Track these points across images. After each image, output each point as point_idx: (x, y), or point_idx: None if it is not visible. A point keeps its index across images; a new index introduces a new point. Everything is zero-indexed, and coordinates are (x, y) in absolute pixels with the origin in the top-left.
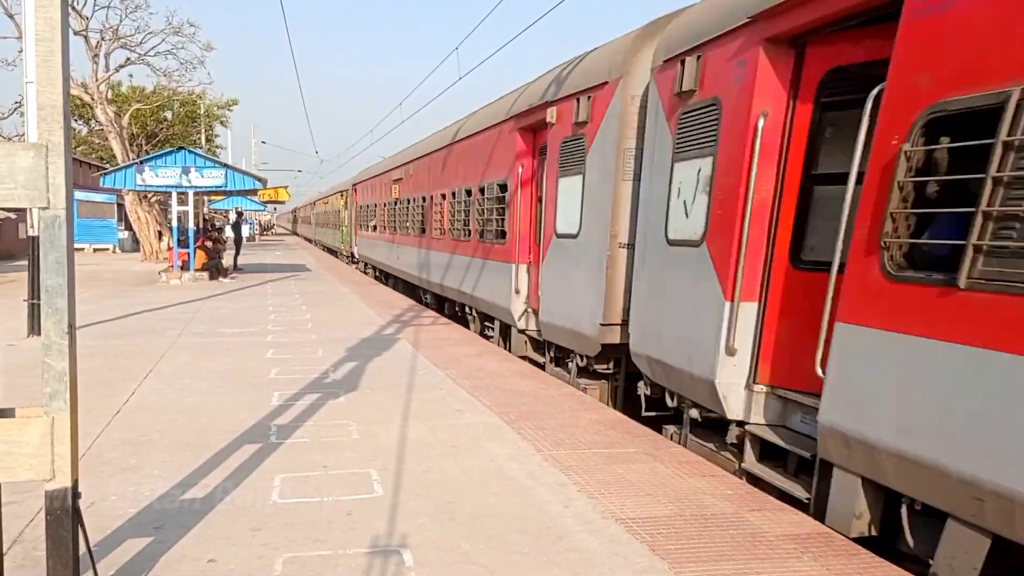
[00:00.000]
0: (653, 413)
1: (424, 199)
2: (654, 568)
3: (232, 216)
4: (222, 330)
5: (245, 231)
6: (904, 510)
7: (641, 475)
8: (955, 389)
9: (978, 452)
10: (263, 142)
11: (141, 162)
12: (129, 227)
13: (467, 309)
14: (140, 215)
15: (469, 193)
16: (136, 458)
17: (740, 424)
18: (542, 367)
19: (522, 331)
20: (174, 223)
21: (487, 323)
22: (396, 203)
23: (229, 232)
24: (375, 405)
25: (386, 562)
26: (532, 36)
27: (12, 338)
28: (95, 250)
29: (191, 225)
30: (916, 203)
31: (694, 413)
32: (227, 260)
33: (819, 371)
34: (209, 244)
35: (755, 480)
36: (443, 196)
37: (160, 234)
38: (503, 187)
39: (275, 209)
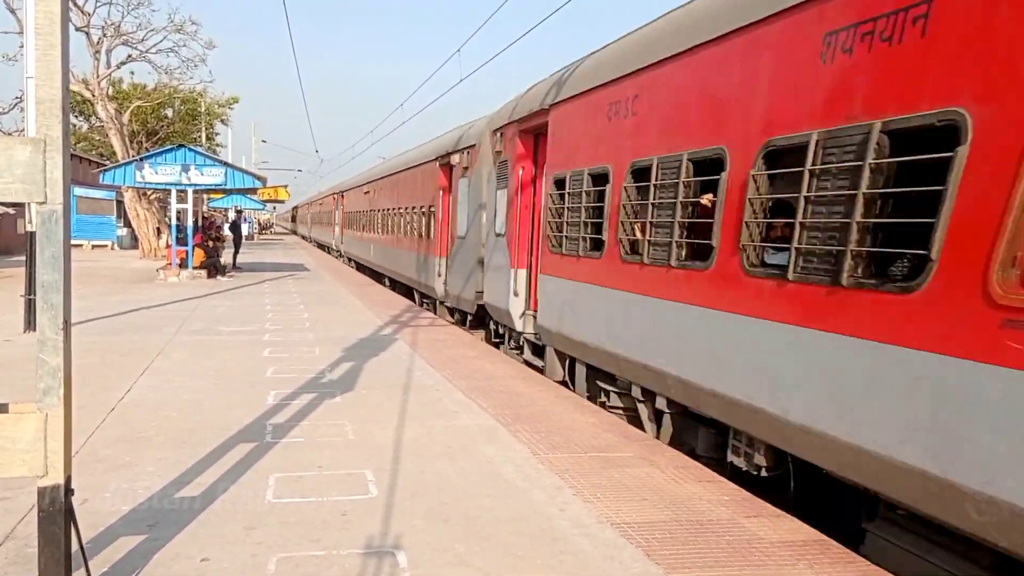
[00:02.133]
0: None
1: (384, 210)
2: (649, 573)
3: (231, 215)
4: (219, 328)
5: (244, 230)
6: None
7: (637, 479)
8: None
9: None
10: (263, 141)
11: (141, 159)
12: (128, 224)
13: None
14: (139, 212)
15: (409, 209)
16: (130, 455)
17: (520, 334)
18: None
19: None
20: (173, 221)
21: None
22: (369, 211)
23: (227, 231)
24: (371, 405)
25: (380, 563)
26: (535, 37)
27: (9, 333)
28: (94, 246)
29: (190, 223)
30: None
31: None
32: (225, 258)
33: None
34: (210, 244)
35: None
36: (396, 210)
37: (159, 231)
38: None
39: (274, 208)
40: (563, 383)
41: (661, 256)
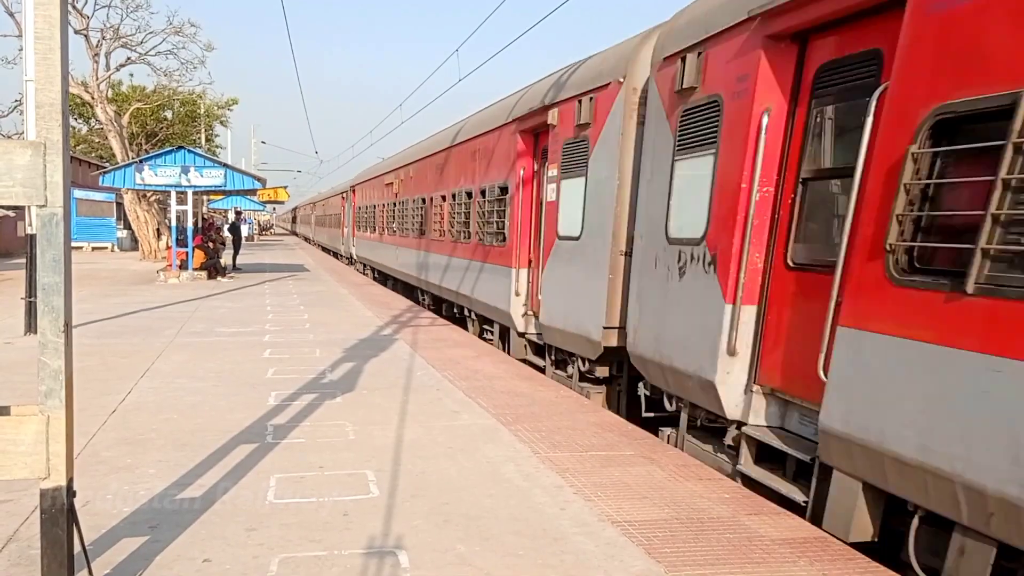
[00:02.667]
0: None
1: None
2: (650, 571)
3: (231, 216)
4: (219, 329)
5: (244, 231)
6: None
7: (638, 478)
8: None
9: None
10: (263, 142)
11: (141, 161)
12: (128, 226)
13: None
14: (139, 214)
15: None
16: (132, 457)
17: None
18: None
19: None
20: (173, 222)
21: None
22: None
23: (227, 232)
24: (372, 406)
25: (382, 563)
26: (532, 39)
27: (9, 336)
28: (93, 248)
29: (190, 224)
30: None
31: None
32: (226, 259)
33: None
34: (210, 245)
35: None
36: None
37: (159, 233)
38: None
39: (274, 209)
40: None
41: None
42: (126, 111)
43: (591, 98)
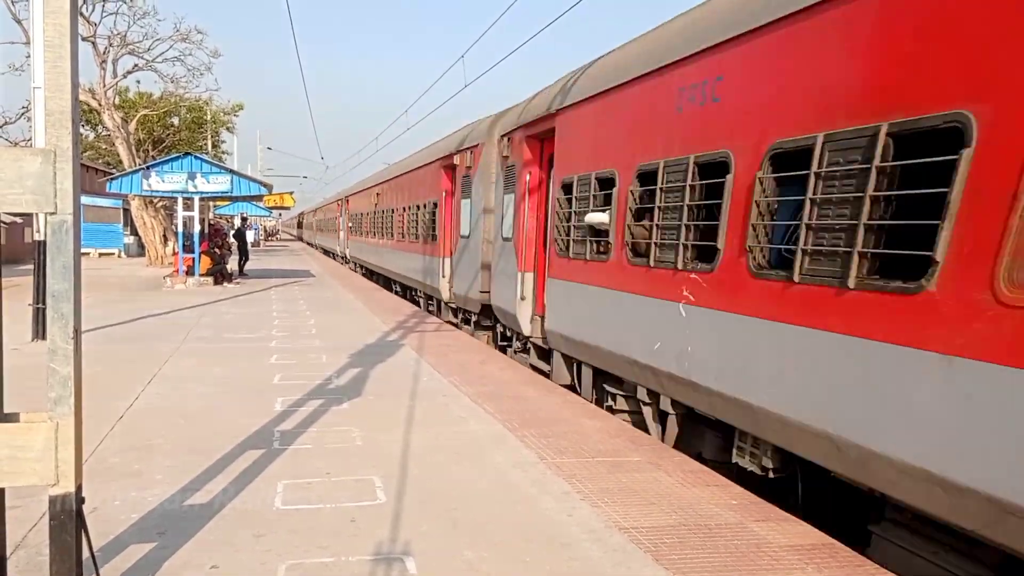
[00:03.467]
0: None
1: (388, 213)
2: None
3: (236, 222)
4: (226, 335)
5: (250, 237)
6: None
7: (645, 484)
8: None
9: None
10: (269, 148)
11: (148, 167)
12: (135, 232)
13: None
14: (146, 220)
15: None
16: (139, 463)
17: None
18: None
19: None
20: (179, 228)
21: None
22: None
23: (232, 238)
24: (379, 411)
25: (389, 569)
26: (539, 43)
27: (16, 342)
28: (101, 255)
29: (196, 230)
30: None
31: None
32: (232, 265)
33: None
34: (217, 251)
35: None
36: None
37: (165, 239)
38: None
39: (280, 215)
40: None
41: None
42: (133, 117)
43: (470, 152)
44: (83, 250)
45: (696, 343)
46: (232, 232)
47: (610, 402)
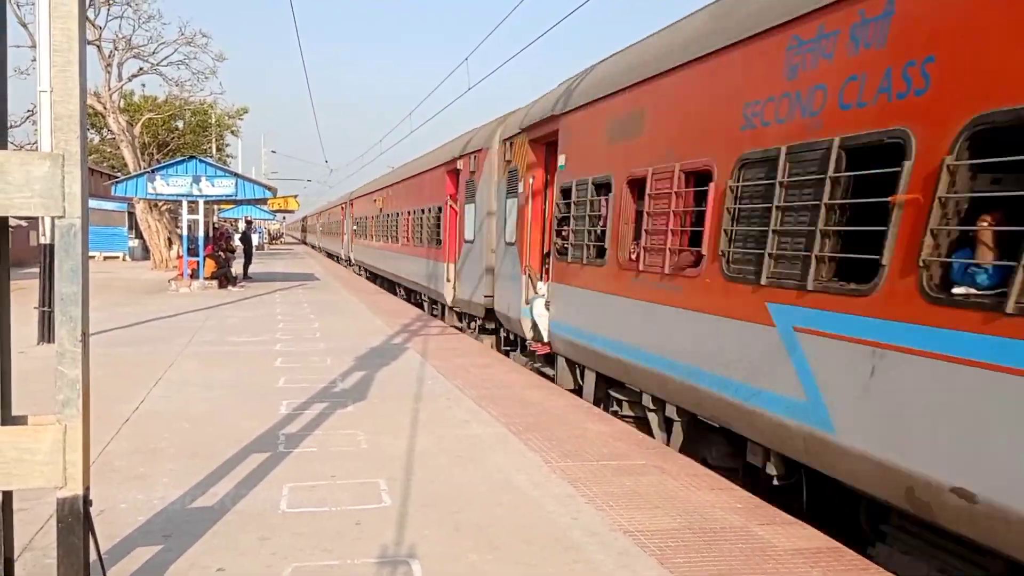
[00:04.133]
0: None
1: (392, 217)
2: None
3: (241, 225)
4: (231, 339)
5: (255, 240)
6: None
7: (649, 487)
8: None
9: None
10: (273, 151)
11: (153, 171)
12: (139, 235)
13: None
14: (150, 223)
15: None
16: (145, 466)
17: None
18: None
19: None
20: (184, 232)
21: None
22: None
23: (237, 242)
24: (383, 415)
25: (394, 572)
26: (542, 45)
27: (22, 346)
28: (106, 258)
29: (200, 233)
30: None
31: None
32: (236, 268)
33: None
34: (221, 255)
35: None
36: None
37: (170, 242)
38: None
39: (284, 218)
40: (575, 391)
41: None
42: (138, 121)
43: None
44: (89, 254)
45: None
46: (239, 236)
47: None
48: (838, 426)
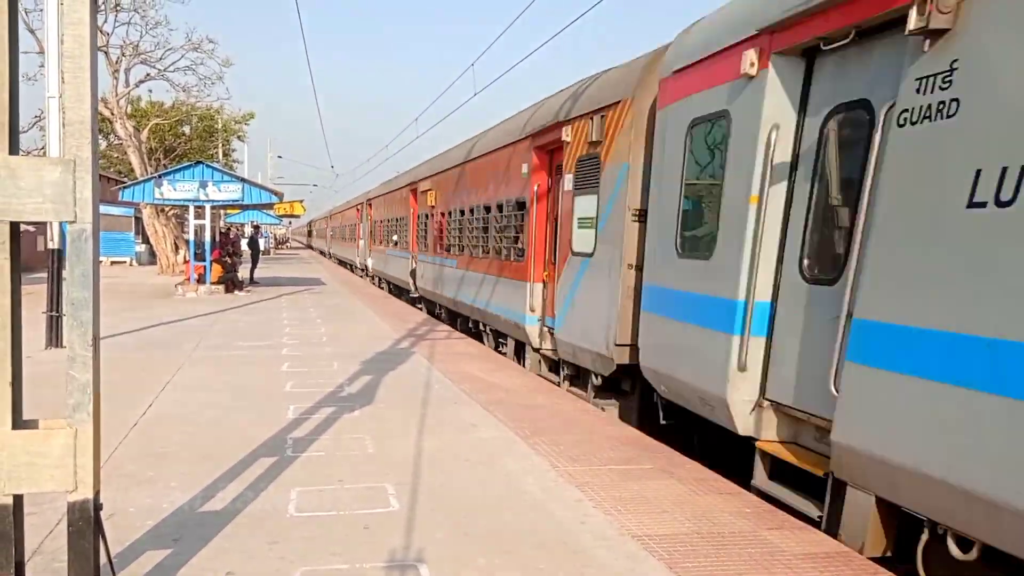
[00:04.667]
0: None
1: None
2: None
3: (248, 230)
4: (238, 343)
5: (261, 245)
6: None
7: (658, 492)
8: None
9: None
10: (279, 156)
11: (159, 176)
12: (146, 240)
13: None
14: (157, 228)
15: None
16: (154, 470)
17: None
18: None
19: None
20: (191, 236)
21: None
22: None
23: (245, 246)
24: (390, 419)
25: None
26: (547, 53)
27: (30, 350)
28: (112, 263)
29: (207, 238)
30: None
31: None
32: (243, 273)
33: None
34: (228, 260)
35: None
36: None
37: (177, 247)
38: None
39: (289, 223)
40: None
41: None
42: (145, 127)
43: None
44: None
45: None
46: (247, 241)
47: None
48: None
